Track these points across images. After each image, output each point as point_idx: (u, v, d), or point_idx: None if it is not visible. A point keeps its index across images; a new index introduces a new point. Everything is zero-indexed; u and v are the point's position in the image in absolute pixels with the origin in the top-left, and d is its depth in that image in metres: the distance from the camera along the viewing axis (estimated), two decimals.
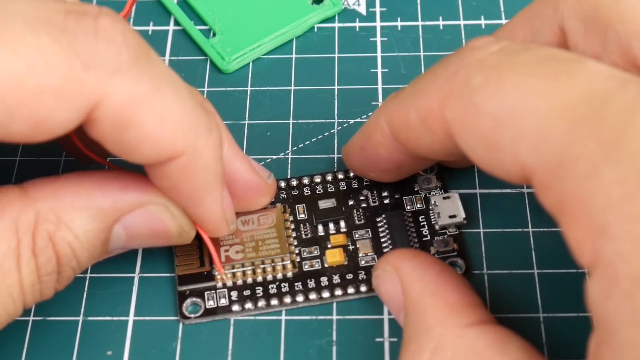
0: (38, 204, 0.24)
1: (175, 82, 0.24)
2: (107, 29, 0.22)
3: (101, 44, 0.22)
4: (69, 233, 0.25)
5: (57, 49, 0.21)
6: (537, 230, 0.30)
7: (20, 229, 0.24)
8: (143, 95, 0.23)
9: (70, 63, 0.21)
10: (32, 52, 0.21)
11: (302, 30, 0.36)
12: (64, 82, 0.21)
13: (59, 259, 0.25)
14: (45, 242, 0.24)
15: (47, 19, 0.22)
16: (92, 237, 0.25)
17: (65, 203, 0.25)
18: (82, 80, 0.22)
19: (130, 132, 0.23)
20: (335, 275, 0.29)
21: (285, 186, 0.31)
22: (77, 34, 0.22)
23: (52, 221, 0.24)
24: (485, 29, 0.36)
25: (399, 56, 0.36)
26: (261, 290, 0.29)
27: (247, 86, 0.35)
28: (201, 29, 0.37)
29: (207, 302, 0.29)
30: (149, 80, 0.23)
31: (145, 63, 0.23)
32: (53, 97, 0.21)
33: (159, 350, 0.28)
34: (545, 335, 0.28)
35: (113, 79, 0.22)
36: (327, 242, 0.30)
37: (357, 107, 0.34)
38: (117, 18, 0.23)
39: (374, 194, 0.31)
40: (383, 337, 0.28)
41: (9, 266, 0.24)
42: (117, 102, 0.22)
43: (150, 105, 0.23)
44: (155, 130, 0.23)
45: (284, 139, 0.33)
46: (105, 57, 0.22)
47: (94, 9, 0.23)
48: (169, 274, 0.30)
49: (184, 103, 0.24)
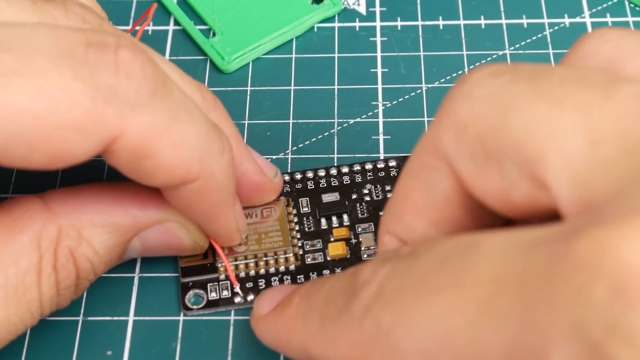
0: (60, 220, 0.25)
1: (191, 108, 0.24)
2: (128, 63, 0.22)
3: (122, 79, 0.22)
4: (89, 249, 0.25)
5: (80, 85, 0.21)
6: None
7: (43, 245, 0.24)
8: (161, 126, 0.23)
9: (92, 98, 0.22)
10: (55, 89, 0.21)
11: (302, 30, 0.36)
12: (85, 117, 0.22)
13: (78, 273, 0.25)
14: (66, 258, 0.25)
15: (69, 52, 0.22)
16: (111, 251, 0.26)
17: (86, 219, 0.25)
18: (103, 115, 0.22)
19: (147, 161, 0.23)
20: (337, 269, 0.29)
21: (289, 180, 0.31)
22: (98, 69, 0.22)
23: (73, 237, 0.25)
24: (485, 28, 0.36)
25: (399, 56, 0.36)
26: (263, 283, 0.29)
27: (247, 86, 0.35)
28: (201, 29, 0.37)
29: (209, 293, 0.29)
30: (166, 111, 0.23)
31: (163, 94, 0.23)
32: (74, 131, 0.22)
33: (159, 350, 0.28)
34: None
35: (133, 112, 0.22)
36: (329, 236, 0.30)
37: (357, 107, 0.34)
38: (136, 50, 0.23)
39: (377, 188, 0.31)
40: None
41: (29, 281, 0.24)
42: (135, 135, 0.23)
43: (167, 135, 0.23)
44: (171, 159, 0.23)
45: (284, 139, 0.33)
46: (126, 91, 0.22)
47: (113, 40, 0.23)
48: (169, 274, 0.30)
49: (199, 129, 0.24)
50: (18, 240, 0.24)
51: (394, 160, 0.32)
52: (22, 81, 0.21)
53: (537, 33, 0.36)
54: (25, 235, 0.24)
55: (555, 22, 0.37)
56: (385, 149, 0.33)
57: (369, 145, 0.33)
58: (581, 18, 0.37)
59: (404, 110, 0.34)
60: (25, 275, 0.24)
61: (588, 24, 0.36)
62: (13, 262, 0.24)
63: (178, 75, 0.27)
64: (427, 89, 0.35)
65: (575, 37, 0.36)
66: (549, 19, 0.37)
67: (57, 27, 0.22)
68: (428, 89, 0.35)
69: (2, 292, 0.24)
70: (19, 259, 0.24)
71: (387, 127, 0.33)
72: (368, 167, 0.32)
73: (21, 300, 0.24)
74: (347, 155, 0.33)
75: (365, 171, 0.32)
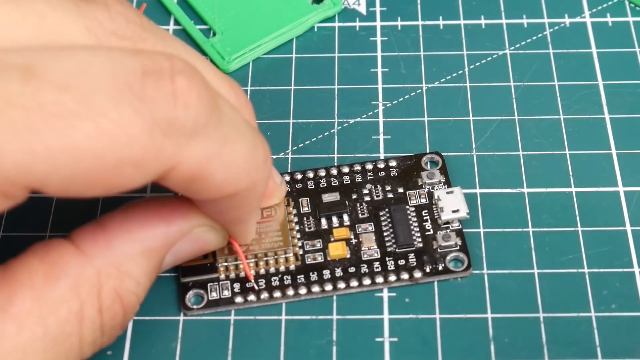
0: (96, 262, 0.24)
1: (239, 124, 0.24)
2: (185, 92, 0.22)
3: (180, 111, 0.22)
4: (132, 283, 0.25)
5: (139, 121, 0.21)
6: (537, 230, 0.30)
7: (83, 291, 0.24)
8: (215, 151, 0.23)
9: (150, 133, 0.21)
10: (115, 128, 0.21)
11: (302, 30, 0.36)
12: (143, 153, 0.21)
13: (125, 310, 0.25)
14: (112, 299, 0.24)
15: (127, 85, 0.21)
16: (150, 276, 0.26)
17: (120, 252, 0.25)
18: (161, 149, 0.22)
19: (199, 183, 0.23)
20: (337, 269, 0.29)
21: (289, 180, 0.31)
22: (156, 102, 0.22)
23: (115, 276, 0.24)
24: (485, 28, 0.36)
25: (399, 56, 0.36)
26: (264, 283, 0.29)
27: (247, 86, 0.35)
28: (201, 29, 0.37)
29: (209, 293, 0.29)
30: (219, 134, 0.23)
31: (218, 117, 0.23)
32: (131, 167, 0.21)
33: (159, 350, 0.28)
34: (545, 335, 0.28)
35: (189, 143, 0.22)
36: (330, 236, 0.30)
37: (357, 107, 0.34)
38: (192, 76, 0.22)
39: (377, 188, 0.31)
40: (383, 337, 0.28)
41: (69, 330, 0.23)
42: (190, 164, 0.22)
43: (219, 158, 0.23)
44: (222, 179, 0.23)
45: (284, 138, 0.33)
46: (184, 123, 0.22)
47: (167, 64, 0.22)
48: (169, 274, 0.30)
49: (247, 144, 0.24)
50: (57, 288, 0.23)
51: (394, 160, 0.32)
52: (83, 123, 0.20)
53: (537, 33, 0.36)
54: (62, 283, 0.23)
55: (555, 22, 0.37)
56: (385, 149, 0.33)
57: (369, 145, 0.33)
58: (581, 18, 0.37)
59: (404, 110, 0.34)
60: (65, 325, 0.23)
61: (588, 24, 0.36)
62: (52, 312, 0.23)
63: (214, 74, 0.26)
64: (427, 89, 0.35)
65: (575, 37, 0.36)
66: (549, 19, 0.37)
67: (112, 54, 0.22)
68: (428, 89, 0.35)
69: (41, 343, 0.23)
70: (58, 308, 0.23)
71: (387, 127, 0.33)
72: (368, 167, 0.32)
73: (60, 350, 0.23)
74: (347, 155, 0.33)
75: (365, 171, 0.32)
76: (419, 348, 0.28)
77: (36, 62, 0.21)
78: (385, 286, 0.29)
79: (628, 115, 0.33)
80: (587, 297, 0.29)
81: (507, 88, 0.34)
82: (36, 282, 0.23)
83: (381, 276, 0.29)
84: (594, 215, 0.31)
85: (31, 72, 0.21)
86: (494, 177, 0.32)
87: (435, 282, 0.29)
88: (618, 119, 0.33)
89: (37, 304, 0.23)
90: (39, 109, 0.20)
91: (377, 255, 0.30)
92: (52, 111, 0.20)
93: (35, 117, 0.20)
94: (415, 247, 0.30)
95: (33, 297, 0.23)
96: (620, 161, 0.32)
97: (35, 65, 0.21)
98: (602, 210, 0.31)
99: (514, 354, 0.28)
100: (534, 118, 0.33)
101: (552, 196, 0.31)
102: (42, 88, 0.20)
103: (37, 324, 0.23)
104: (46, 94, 0.20)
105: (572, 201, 0.31)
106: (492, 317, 0.29)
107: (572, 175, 0.32)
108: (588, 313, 0.29)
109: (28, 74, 0.20)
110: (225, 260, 0.29)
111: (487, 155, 0.33)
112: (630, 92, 0.34)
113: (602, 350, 0.28)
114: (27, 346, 0.23)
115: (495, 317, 0.29)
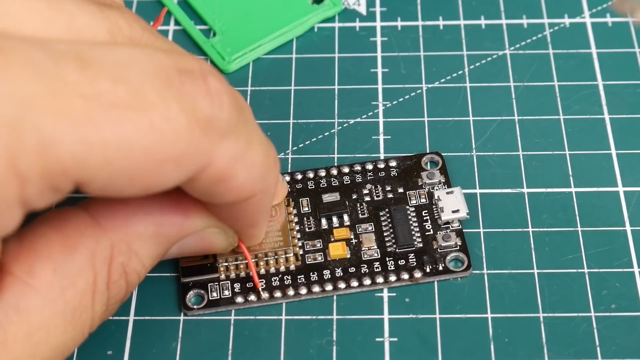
0: (111, 235, 0.24)
1: (255, 126, 0.24)
2: (219, 93, 0.22)
3: (217, 109, 0.22)
4: (138, 262, 0.25)
5: (184, 118, 0.21)
6: (537, 230, 0.31)
7: (97, 263, 0.23)
8: (241, 152, 0.23)
9: (191, 130, 0.21)
10: (164, 123, 0.21)
11: (302, 30, 0.36)
12: (185, 150, 0.21)
13: (127, 288, 0.25)
14: (119, 274, 0.24)
15: (168, 80, 0.21)
16: (155, 261, 0.25)
17: (134, 231, 0.24)
18: (199, 146, 0.21)
19: (222, 185, 0.23)
20: (338, 269, 0.29)
21: (289, 180, 0.32)
22: (196, 99, 0.21)
23: (125, 252, 0.24)
24: (485, 28, 0.36)
25: (399, 56, 0.36)
26: (264, 283, 0.29)
27: (247, 86, 0.35)
28: (201, 29, 0.37)
29: (210, 293, 0.29)
30: (245, 135, 0.23)
31: (244, 119, 0.23)
32: (173, 164, 0.21)
33: (159, 350, 0.28)
34: (545, 335, 0.28)
35: (222, 142, 0.22)
36: (330, 236, 0.30)
37: (357, 107, 0.34)
38: (220, 77, 0.23)
39: (377, 188, 0.31)
40: (383, 337, 0.28)
41: (86, 303, 0.23)
42: (221, 163, 0.22)
43: (244, 159, 0.23)
44: (243, 181, 0.23)
45: (284, 138, 0.33)
46: (220, 122, 0.22)
47: (196, 65, 0.22)
48: (169, 274, 0.30)
49: (263, 147, 0.24)
50: (74, 260, 0.23)
51: (394, 160, 0.32)
52: (137, 116, 0.20)
53: (537, 33, 0.36)
54: (80, 254, 0.23)
55: (555, 22, 0.37)
56: (385, 149, 0.33)
57: (369, 145, 0.33)
58: (581, 18, 0.37)
59: (404, 110, 0.34)
60: (82, 297, 0.23)
61: (588, 24, 0.36)
62: (71, 284, 0.23)
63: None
64: (427, 89, 0.35)
65: (576, 37, 0.36)
66: (549, 19, 0.37)
67: (149, 51, 0.22)
68: (428, 89, 0.35)
69: (62, 317, 0.23)
70: (76, 280, 0.23)
71: (387, 127, 0.34)
72: (368, 167, 0.32)
73: (77, 323, 0.23)
74: (347, 155, 0.33)
75: (365, 171, 0.32)
76: (419, 348, 0.28)
77: (86, 52, 0.20)
78: (386, 286, 0.29)
79: (628, 115, 0.34)
80: (587, 297, 0.29)
81: (507, 88, 0.35)
82: (54, 253, 0.23)
83: (381, 276, 0.29)
84: (593, 216, 0.31)
85: (86, 61, 0.20)
86: (494, 177, 0.32)
87: (435, 282, 0.29)
88: (618, 119, 0.33)
89: (57, 275, 0.23)
90: (97, 99, 0.20)
91: (377, 255, 0.30)
92: (109, 101, 0.20)
93: (93, 106, 0.20)
94: (415, 247, 0.30)
95: (53, 269, 0.23)
96: (620, 161, 0.32)
97: (87, 55, 0.20)
98: (601, 211, 0.31)
99: (513, 354, 0.28)
100: (533, 118, 0.34)
101: (552, 196, 0.31)
102: (98, 77, 0.20)
103: (59, 296, 0.23)
104: (102, 83, 0.20)
105: (572, 201, 0.31)
106: (492, 317, 0.29)
107: (572, 176, 0.32)
108: (588, 313, 0.29)
109: (84, 63, 0.20)
110: (225, 260, 0.29)
111: (487, 155, 0.33)
112: (630, 92, 0.34)
113: (602, 350, 0.28)
114: (51, 320, 0.22)
115: (495, 317, 0.29)
